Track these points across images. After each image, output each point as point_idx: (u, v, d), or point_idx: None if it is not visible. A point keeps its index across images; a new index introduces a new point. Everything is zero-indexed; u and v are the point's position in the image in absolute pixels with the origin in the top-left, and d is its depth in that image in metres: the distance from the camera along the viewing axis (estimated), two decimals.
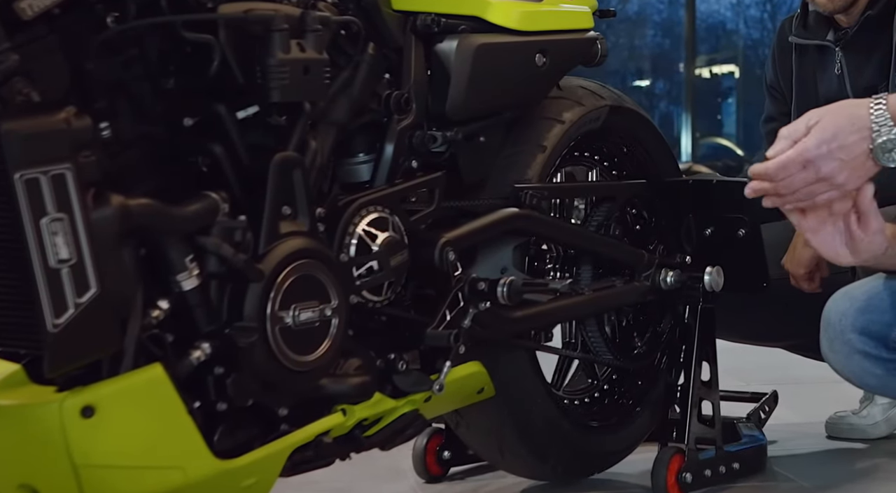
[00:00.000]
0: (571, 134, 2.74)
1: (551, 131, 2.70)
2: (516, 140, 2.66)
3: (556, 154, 2.71)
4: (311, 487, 3.00)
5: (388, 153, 2.36)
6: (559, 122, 2.72)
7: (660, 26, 17.86)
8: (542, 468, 2.78)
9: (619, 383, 2.95)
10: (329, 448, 2.17)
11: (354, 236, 2.23)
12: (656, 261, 2.80)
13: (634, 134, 2.91)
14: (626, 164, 2.92)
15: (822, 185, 1.91)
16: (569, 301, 2.60)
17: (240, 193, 2.06)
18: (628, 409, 2.91)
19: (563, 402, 2.85)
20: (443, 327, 2.29)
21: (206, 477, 1.96)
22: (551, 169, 2.70)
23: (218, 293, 2.02)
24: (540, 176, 2.63)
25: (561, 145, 2.71)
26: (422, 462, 3.00)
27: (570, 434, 2.73)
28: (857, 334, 2.30)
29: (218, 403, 2.01)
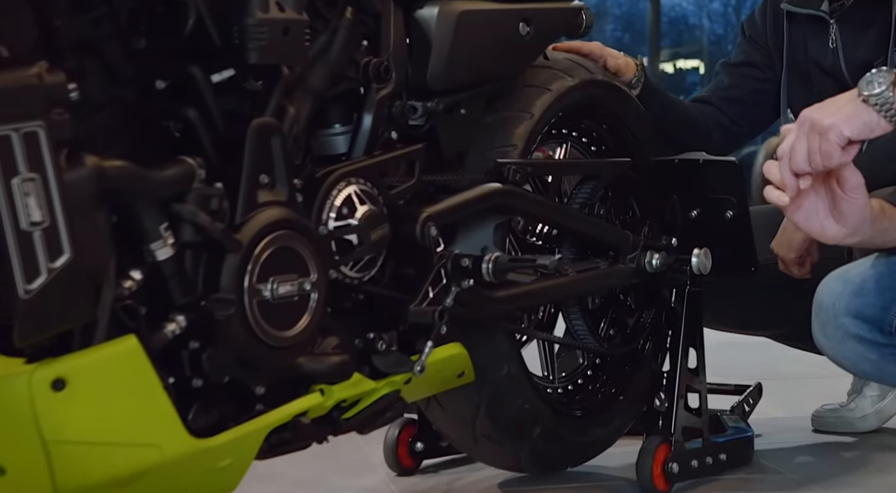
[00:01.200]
0: (558, 104, 2.75)
1: (539, 99, 2.71)
2: (499, 108, 2.67)
3: (543, 123, 2.72)
4: (278, 479, 3.00)
5: (367, 124, 2.37)
6: (546, 90, 2.74)
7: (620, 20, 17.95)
8: (517, 458, 2.79)
9: (602, 370, 2.97)
10: (307, 430, 2.17)
11: (333, 209, 2.23)
12: (641, 243, 2.82)
13: (620, 112, 2.93)
14: (610, 142, 2.94)
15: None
16: (552, 282, 2.61)
17: (215, 160, 2.06)
18: (611, 397, 2.93)
19: (546, 390, 2.87)
20: (425, 305, 2.30)
21: (181, 456, 1.95)
22: (537, 138, 2.71)
23: (193, 264, 2.01)
24: (525, 144, 2.64)
25: (548, 114, 2.72)
26: (393, 454, 3.00)
27: (550, 423, 2.75)
28: (851, 317, 2.31)
29: (193, 379, 2.01)
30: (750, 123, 3.35)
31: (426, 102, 2.44)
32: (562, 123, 2.87)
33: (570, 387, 2.94)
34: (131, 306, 1.94)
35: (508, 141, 2.65)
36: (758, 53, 3.35)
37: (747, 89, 3.35)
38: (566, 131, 2.92)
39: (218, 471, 2.05)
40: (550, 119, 2.76)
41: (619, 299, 2.93)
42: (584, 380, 2.96)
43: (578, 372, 2.96)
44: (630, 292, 2.94)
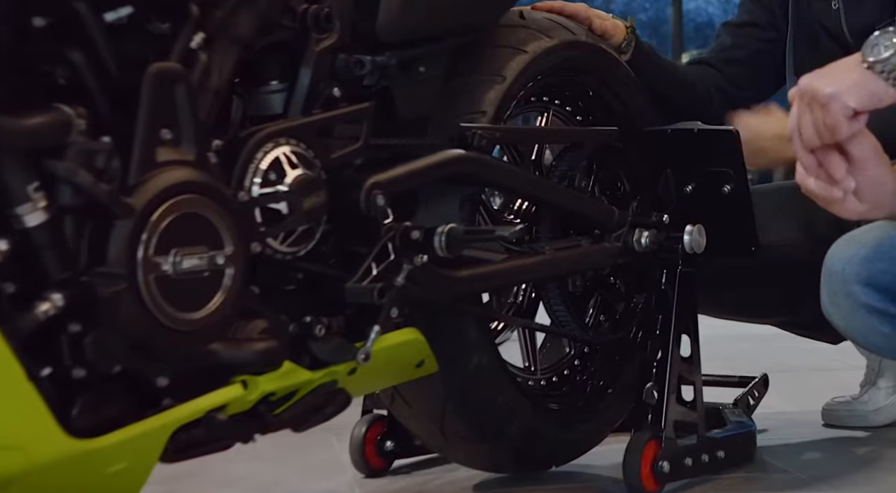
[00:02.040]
0: (536, 67, 2.30)
1: (512, 61, 2.26)
2: (466, 69, 2.23)
3: (518, 87, 2.27)
4: (237, 483, 2.59)
5: (304, 80, 1.92)
6: (522, 51, 2.29)
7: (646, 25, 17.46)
8: (494, 458, 2.36)
9: (590, 361, 2.53)
10: (224, 428, 1.72)
11: (258, 173, 1.80)
12: (629, 219, 2.37)
13: (609, 78, 2.49)
14: (595, 110, 2.49)
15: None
16: (524, 261, 2.17)
17: (107, 112, 1.64)
18: (599, 391, 2.49)
19: (528, 383, 2.44)
20: (367, 282, 1.87)
21: (55, 460, 1.51)
22: (511, 103, 2.26)
23: (75, 232, 1.58)
24: (496, 111, 2.20)
25: (523, 78, 2.27)
26: (360, 454, 2.56)
27: (529, 419, 2.31)
28: (863, 285, 1.90)
29: (74, 368, 1.58)
30: (752, 85, 2.87)
31: (376, 57, 1.99)
32: (541, 90, 2.41)
33: (554, 379, 2.49)
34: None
35: (477, 107, 2.20)
36: (763, 13, 2.88)
37: (750, 50, 2.88)
38: (547, 99, 2.47)
39: (110, 477, 1.61)
40: (526, 83, 2.31)
41: (606, 282, 2.48)
42: (569, 371, 2.51)
43: (563, 363, 2.52)
44: (619, 274, 2.50)
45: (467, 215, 2.17)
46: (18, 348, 1.49)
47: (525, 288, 2.41)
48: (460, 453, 2.36)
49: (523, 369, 2.45)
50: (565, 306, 2.38)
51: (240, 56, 1.84)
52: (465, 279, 2.06)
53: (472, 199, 2.17)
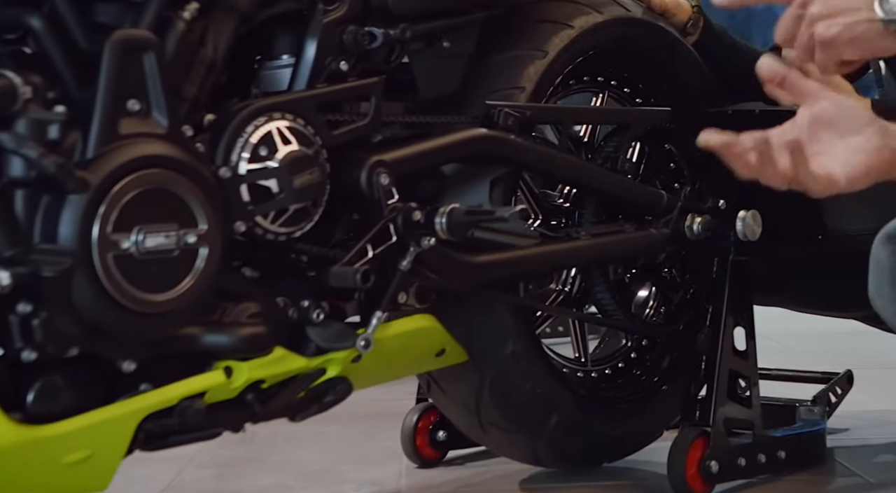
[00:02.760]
0: (582, 44, 2.06)
1: (556, 36, 2.02)
2: (506, 44, 1.99)
3: (561, 63, 2.02)
4: (285, 469, 2.41)
5: (310, 52, 1.71)
6: (566, 26, 2.04)
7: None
8: (533, 450, 2.11)
9: (646, 354, 2.29)
10: (202, 416, 1.54)
11: (246, 148, 1.60)
12: (679, 204, 2.11)
13: (667, 58, 2.23)
14: (654, 92, 2.25)
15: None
16: (554, 247, 1.94)
17: (72, 83, 1.47)
18: (653, 386, 2.25)
19: (577, 374, 2.21)
20: (361, 264, 1.66)
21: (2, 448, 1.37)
22: (554, 80, 2.02)
23: (26, 207, 1.41)
24: (536, 88, 1.97)
25: (568, 54, 2.03)
26: (411, 444, 2.35)
27: (571, 411, 2.08)
28: None
29: (25, 351, 1.40)
30: None
31: (389, 30, 1.78)
32: (593, 69, 2.17)
33: (607, 372, 2.24)
34: None
35: (514, 82, 1.97)
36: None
37: None
38: (602, 79, 2.22)
39: (68, 466, 1.44)
40: (571, 60, 2.06)
41: (659, 271, 2.24)
42: (624, 365, 2.27)
43: (618, 356, 2.28)
44: (674, 262, 2.25)
45: (499, 197, 1.94)
46: None
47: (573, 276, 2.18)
48: (498, 443, 2.13)
49: (572, 360, 2.22)
50: (611, 296, 2.13)
51: (238, 28, 1.67)
52: (487, 265, 1.83)
53: (504, 180, 1.95)
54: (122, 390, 1.49)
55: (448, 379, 2.03)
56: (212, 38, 1.63)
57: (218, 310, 1.58)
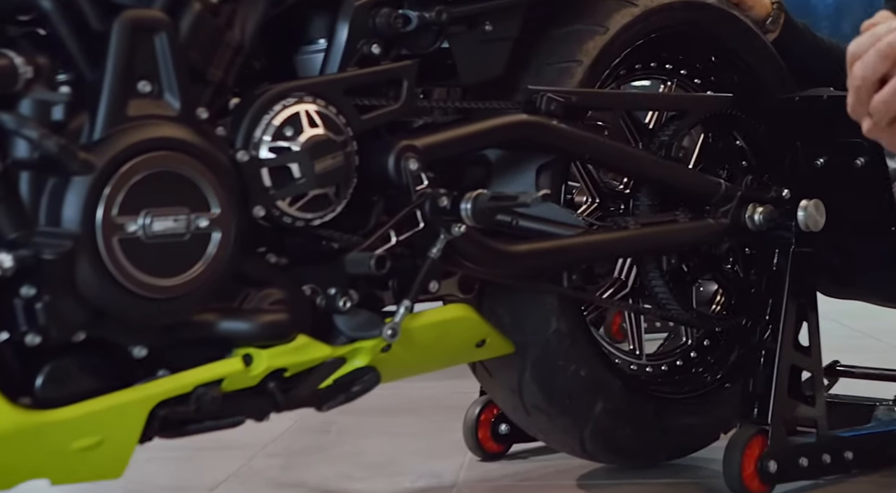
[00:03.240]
0: (646, 24, 1.93)
1: (618, 13, 1.91)
2: (563, 22, 1.88)
3: (622, 42, 1.90)
4: (349, 459, 2.32)
5: (341, 36, 1.62)
6: (630, 4, 1.92)
7: None
8: (578, 438, 1.98)
9: (709, 352, 2.14)
10: (219, 403, 1.46)
11: (268, 131, 1.52)
12: (739, 194, 1.97)
13: (740, 49, 2.09)
14: (724, 84, 2.09)
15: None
16: (599, 236, 1.82)
17: (85, 65, 1.40)
18: (714, 383, 2.10)
19: (630, 366, 2.08)
20: (384, 250, 1.54)
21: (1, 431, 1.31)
22: (612, 59, 1.90)
23: (31, 190, 1.35)
24: (594, 64, 1.85)
25: (630, 33, 1.91)
26: (473, 437, 2.24)
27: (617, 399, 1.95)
28: None
29: (29, 334, 1.34)
30: None
31: (424, 12, 1.68)
32: (659, 54, 2.04)
33: (663, 367, 2.10)
34: None
35: (572, 55, 1.86)
36: None
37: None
38: (670, 67, 2.08)
39: (79, 453, 1.37)
40: (633, 40, 1.94)
41: (720, 262, 2.10)
42: (683, 362, 2.12)
43: (677, 352, 2.13)
44: (736, 254, 2.11)
45: (548, 184, 1.83)
46: None
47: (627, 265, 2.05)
48: (543, 428, 2.00)
49: (627, 352, 2.09)
50: (666, 287, 2.00)
51: (268, 12, 1.59)
52: (525, 254, 1.72)
53: (551, 167, 1.84)
54: (136, 377, 1.42)
55: (492, 359, 1.91)
56: (240, 21, 1.55)
57: (239, 296, 1.50)
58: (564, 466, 2.17)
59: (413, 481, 2.14)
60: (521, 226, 1.79)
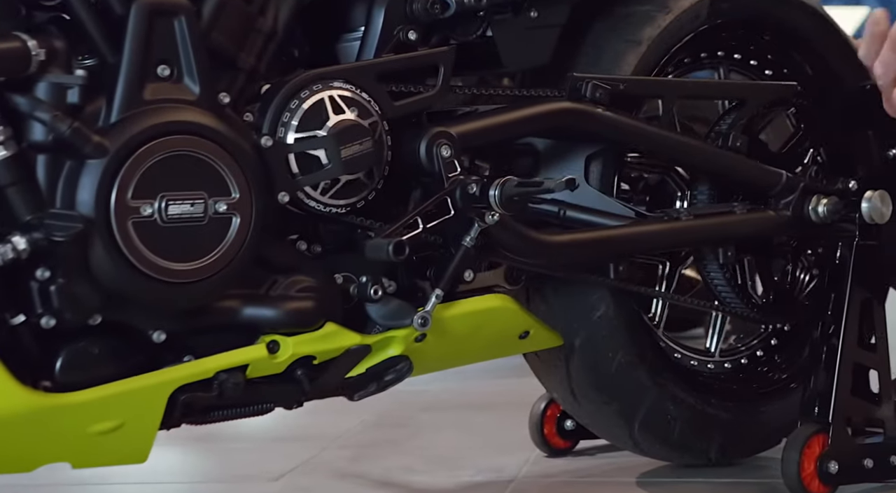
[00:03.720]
0: (714, 7, 1.83)
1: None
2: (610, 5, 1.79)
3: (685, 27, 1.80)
4: (414, 452, 2.26)
5: (377, 22, 1.56)
6: None
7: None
8: (627, 430, 1.88)
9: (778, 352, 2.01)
10: (241, 390, 1.41)
11: (295, 116, 1.46)
12: (802, 185, 1.85)
13: (814, 38, 1.97)
14: (797, 75, 1.96)
15: None
16: (648, 228, 1.72)
17: (106, 48, 1.36)
18: (781, 382, 1.98)
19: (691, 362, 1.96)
20: (407, 237, 1.46)
21: (10, 415, 1.26)
22: (675, 43, 1.81)
23: (48, 173, 1.31)
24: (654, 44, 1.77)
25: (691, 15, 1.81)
26: (539, 433, 2.15)
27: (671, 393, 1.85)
28: None
29: (44, 317, 1.31)
30: None
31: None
32: (725, 43, 1.92)
33: (727, 365, 1.97)
34: None
35: (627, 40, 1.77)
36: None
37: None
38: (739, 57, 1.95)
39: (99, 437, 1.32)
40: (698, 25, 1.83)
41: (783, 255, 1.97)
42: (748, 361, 1.99)
43: (742, 350, 2.00)
44: (804, 247, 1.97)
45: (598, 174, 1.74)
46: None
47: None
48: (592, 419, 1.91)
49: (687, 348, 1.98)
50: (725, 280, 1.88)
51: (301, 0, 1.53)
52: (567, 245, 1.63)
53: (601, 156, 1.74)
54: (159, 362, 1.38)
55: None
56: (272, 8, 1.51)
57: (266, 283, 1.45)
58: (628, 463, 2.07)
59: (473, 475, 2.07)
60: (569, 216, 1.71)
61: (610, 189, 1.77)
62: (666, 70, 1.86)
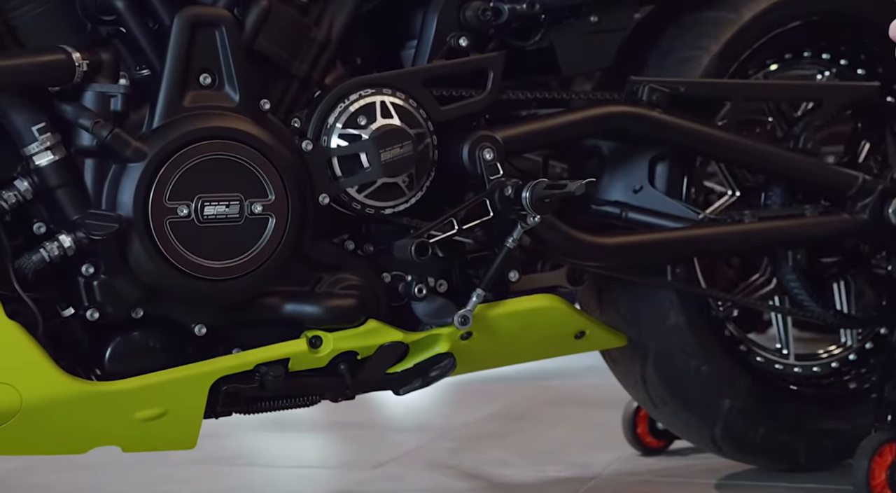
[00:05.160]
0: (789, 9, 1.73)
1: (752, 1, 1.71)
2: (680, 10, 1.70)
3: (758, 29, 1.71)
4: (520, 447, 2.21)
5: (430, 30, 1.52)
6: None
7: None
8: (709, 434, 1.79)
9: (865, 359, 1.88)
10: (281, 382, 1.40)
11: (339, 120, 1.44)
12: (880, 187, 1.72)
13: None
14: (884, 66, 1.82)
15: None
16: (706, 231, 1.61)
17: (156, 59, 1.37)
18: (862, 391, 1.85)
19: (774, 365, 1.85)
20: (438, 238, 1.42)
21: (54, 400, 1.29)
22: (748, 45, 1.71)
23: (95, 175, 1.33)
24: (724, 49, 1.67)
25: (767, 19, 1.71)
26: (631, 432, 2.08)
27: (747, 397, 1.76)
28: None
29: (89, 310, 1.33)
30: None
31: (516, 4, 1.55)
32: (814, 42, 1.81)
33: (815, 369, 1.86)
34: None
35: (696, 44, 1.68)
36: None
37: None
38: (828, 56, 1.84)
39: (146, 423, 1.34)
40: (772, 27, 1.72)
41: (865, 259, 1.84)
42: (839, 365, 1.87)
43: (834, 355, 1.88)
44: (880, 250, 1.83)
45: (664, 177, 1.66)
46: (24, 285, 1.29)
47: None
48: (672, 422, 1.83)
49: (771, 351, 1.87)
50: (802, 285, 1.77)
51: (358, 9, 1.52)
52: (620, 247, 1.56)
53: (665, 158, 1.66)
54: (207, 353, 1.39)
55: (615, 349, 1.76)
56: (328, 18, 1.49)
57: (311, 280, 1.44)
58: (714, 465, 1.96)
59: (559, 470, 2.01)
60: (630, 218, 1.65)
61: (678, 191, 1.69)
62: (747, 73, 1.76)
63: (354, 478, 2.02)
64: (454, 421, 2.47)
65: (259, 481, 2.00)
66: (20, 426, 1.29)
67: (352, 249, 1.49)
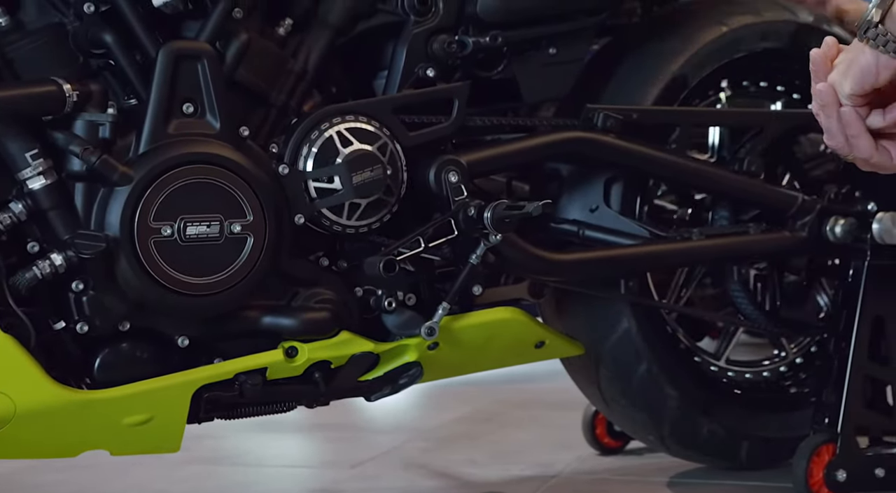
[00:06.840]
0: (734, 46, 1.75)
1: (700, 34, 1.72)
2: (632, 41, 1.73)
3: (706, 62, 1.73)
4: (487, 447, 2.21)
5: (399, 61, 1.54)
6: (717, 25, 1.74)
7: None
8: (658, 433, 1.81)
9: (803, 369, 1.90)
10: (259, 390, 1.42)
11: (314, 146, 1.46)
12: (818, 206, 1.75)
13: None
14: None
15: None
16: (656, 248, 1.63)
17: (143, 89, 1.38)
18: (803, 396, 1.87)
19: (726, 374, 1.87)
20: (404, 256, 1.44)
21: (47, 407, 1.30)
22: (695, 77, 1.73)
23: (84, 198, 1.35)
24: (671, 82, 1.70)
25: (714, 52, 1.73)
26: (590, 432, 2.10)
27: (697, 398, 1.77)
28: None
29: (79, 324, 1.34)
30: None
31: (480, 38, 1.57)
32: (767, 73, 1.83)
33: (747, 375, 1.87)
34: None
35: (649, 73, 1.70)
36: None
37: None
38: (783, 89, 1.85)
39: (133, 428, 1.35)
40: (719, 60, 1.74)
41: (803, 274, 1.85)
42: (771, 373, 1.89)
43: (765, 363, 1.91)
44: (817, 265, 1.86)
45: (618, 198, 1.68)
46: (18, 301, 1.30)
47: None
48: (623, 421, 1.85)
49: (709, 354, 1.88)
50: (746, 297, 1.78)
51: (333, 42, 1.53)
52: (574, 263, 1.58)
53: (618, 181, 1.68)
54: (191, 363, 1.40)
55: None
56: (304, 50, 1.51)
57: (288, 295, 1.46)
58: (669, 464, 1.99)
59: (523, 469, 2.02)
60: (587, 235, 1.67)
61: (631, 210, 1.71)
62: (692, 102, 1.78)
63: (334, 477, 2.03)
64: (428, 423, 2.48)
65: (246, 479, 2.01)
66: (14, 432, 1.30)
67: (326, 265, 1.50)
